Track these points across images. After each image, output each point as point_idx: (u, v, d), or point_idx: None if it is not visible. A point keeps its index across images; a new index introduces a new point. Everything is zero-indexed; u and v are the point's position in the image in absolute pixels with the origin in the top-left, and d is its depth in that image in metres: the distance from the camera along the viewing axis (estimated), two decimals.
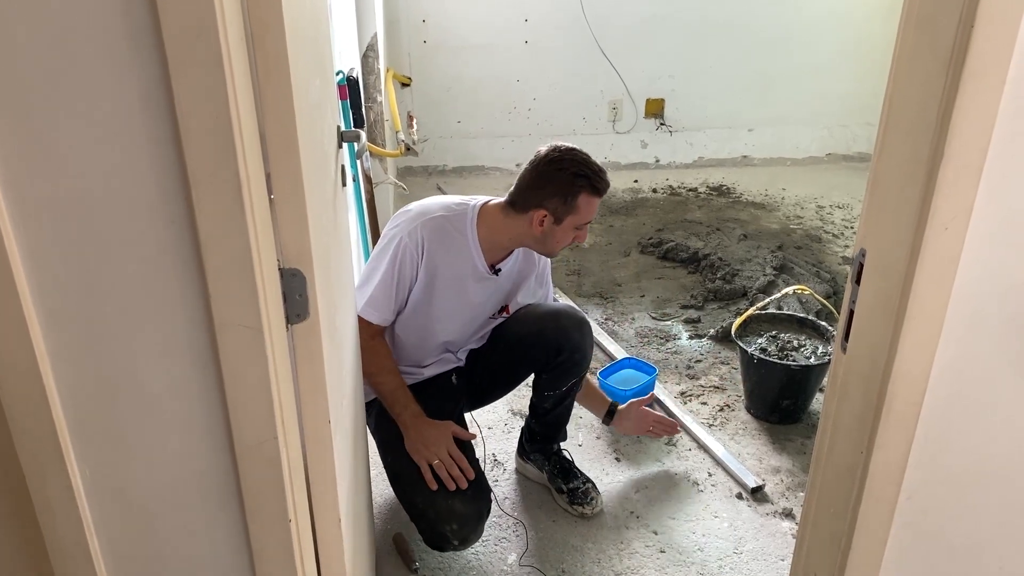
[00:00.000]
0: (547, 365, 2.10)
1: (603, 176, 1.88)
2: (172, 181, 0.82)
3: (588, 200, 1.87)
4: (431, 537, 1.89)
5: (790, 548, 2.08)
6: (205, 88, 0.78)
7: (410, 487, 1.88)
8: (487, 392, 2.24)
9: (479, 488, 1.92)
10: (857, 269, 1.05)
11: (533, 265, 2.12)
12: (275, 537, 1.01)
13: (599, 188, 1.87)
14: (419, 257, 1.88)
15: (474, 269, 1.95)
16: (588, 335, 2.12)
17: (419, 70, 4.79)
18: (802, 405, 2.60)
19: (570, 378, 2.14)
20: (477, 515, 1.89)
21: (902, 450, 1.02)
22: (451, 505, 1.84)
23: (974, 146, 0.85)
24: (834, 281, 3.52)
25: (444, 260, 1.91)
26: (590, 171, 1.85)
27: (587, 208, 1.88)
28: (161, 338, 0.89)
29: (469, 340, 2.13)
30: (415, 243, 1.87)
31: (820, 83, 5.09)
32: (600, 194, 1.89)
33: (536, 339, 2.07)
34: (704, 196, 4.74)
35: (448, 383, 2.09)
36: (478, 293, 1.99)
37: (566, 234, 1.91)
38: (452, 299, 1.96)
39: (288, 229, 0.96)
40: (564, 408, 2.23)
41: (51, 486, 0.94)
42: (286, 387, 0.97)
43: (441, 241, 1.90)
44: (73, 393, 0.90)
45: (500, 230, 1.93)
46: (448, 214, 1.93)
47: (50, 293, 0.86)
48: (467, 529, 1.87)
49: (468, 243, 1.93)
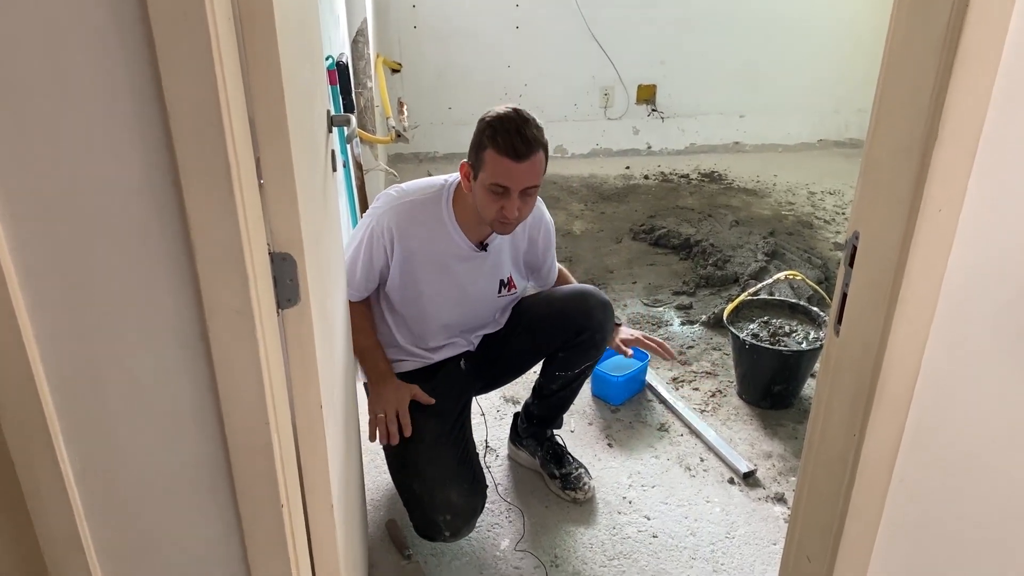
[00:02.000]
0: (566, 344, 2.09)
1: (511, 136, 1.69)
2: (160, 165, 0.81)
3: (494, 158, 1.71)
4: (423, 525, 1.89)
5: (782, 532, 2.09)
6: (193, 71, 0.77)
7: (409, 472, 1.88)
8: (499, 375, 2.23)
9: (477, 483, 1.92)
10: (851, 252, 1.05)
11: (536, 231, 2.06)
12: (267, 522, 1.01)
13: (500, 145, 1.70)
14: (389, 244, 1.87)
15: (456, 249, 1.92)
16: (611, 318, 2.13)
17: (409, 56, 4.76)
18: (794, 390, 2.61)
19: (585, 360, 2.13)
20: (472, 510, 1.89)
21: (894, 433, 1.02)
22: (447, 496, 1.84)
23: (967, 129, 0.85)
24: (825, 267, 3.53)
25: (420, 244, 1.90)
26: (500, 126, 1.71)
27: (493, 166, 1.72)
28: (150, 324, 0.88)
29: (481, 322, 2.09)
30: (382, 230, 1.87)
31: (812, 70, 5.09)
32: (504, 153, 1.70)
33: (560, 317, 2.07)
34: (696, 182, 4.74)
35: (456, 369, 2.07)
36: (467, 273, 1.97)
37: (485, 197, 1.77)
38: (438, 281, 1.94)
39: (278, 213, 0.95)
40: (569, 392, 2.23)
41: (41, 474, 0.93)
42: (277, 372, 0.97)
43: (413, 225, 1.88)
44: (62, 381, 0.89)
45: (470, 204, 1.87)
46: (422, 197, 1.91)
47: (37, 279, 0.84)
48: (459, 521, 1.86)
49: (445, 224, 1.90)
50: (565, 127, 5.05)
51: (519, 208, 1.77)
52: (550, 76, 4.91)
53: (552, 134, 1.87)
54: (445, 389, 1.97)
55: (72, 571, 1.00)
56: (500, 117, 1.74)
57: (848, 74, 5.07)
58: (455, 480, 1.86)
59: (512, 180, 1.73)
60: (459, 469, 1.90)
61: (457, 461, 1.90)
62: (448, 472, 1.87)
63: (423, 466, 1.86)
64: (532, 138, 1.72)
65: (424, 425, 1.90)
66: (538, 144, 1.74)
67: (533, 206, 1.85)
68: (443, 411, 1.94)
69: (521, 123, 1.72)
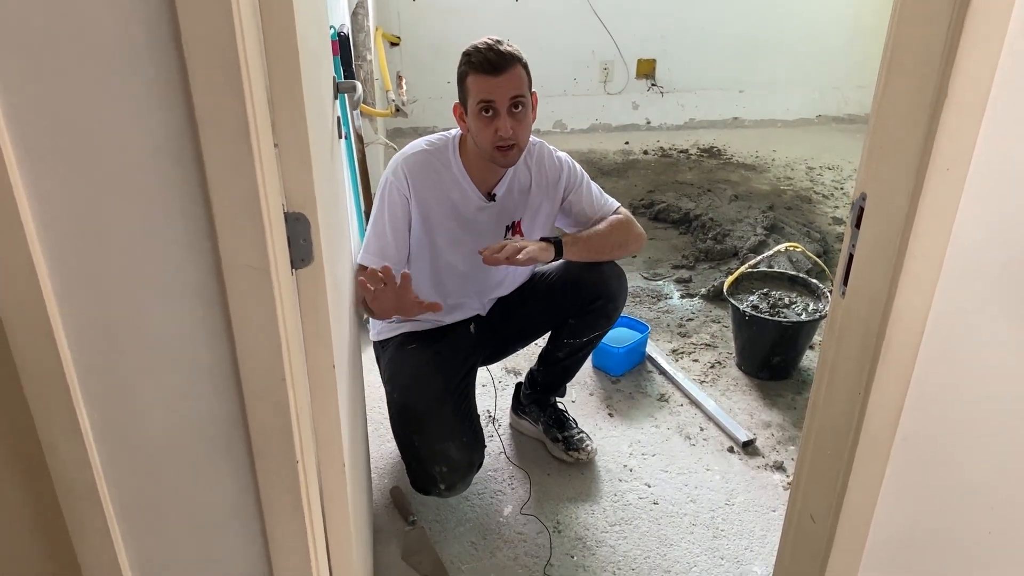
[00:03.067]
0: (580, 311, 2.11)
1: (484, 53, 1.76)
2: (179, 120, 0.81)
3: (474, 79, 1.78)
4: (419, 477, 1.92)
5: (781, 499, 2.12)
6: (212, 25, 0.77)
7: (409, 426, 1.91)
8: (508, 341, 2.25)
9: (475, 438, 1.95)
10: (857, 214, 1.06)
11: (543, 178, 2.05)
12: (282, 478, 1.02)
13: (476, 65, 1.77)
14: (407, 191, 1.89)
15: (466, 198, 1.95)
16: (624, 289, 2.14)
17: (408, 29, 4.74)
18: (792, 362, 2.63)
19: (595, 330, 2.15)
20: (468, 464, 1.92)
21: (899, 391, 1.04)
22: (446, 449, 1.87)
23: (977, 87, 0.85)
24: (824, 241, 3.54)
25: (433, 194, 1.92)
26: (474, 50, 1.78)
27: (475, 86, 1.79)
28: (168, 279, 0.89)
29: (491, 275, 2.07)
30: (399, 180, 1.89)
31: (811, 45, 5.08)
32: (482, 71, 1.77)
33: (574, 283, 2.08)
34: (695, 158, 4.74)
35: (466, 332, 2.09)
36: (477, 222, 1.98)
37: (479, 124, 1.81)
38: (451, 230, 1.96)
39: (292, 173, 0.96)
40: (575, 361, 2.25)
41: (59, 430, 0.94)
42: (293, 329, 0.98)
43: (426, 175, 1.91)
44: (80, 336, 0.90)
45: (473, 151, 1.92)
46: (430, 148, 1.94)
47: (56, 234, 0.85)
48: (456, 476, 1.90)
49: (454, 173, 1.94)
50: (565, 102, 5.03)
51: (512, 127, 1.80)
52: (550, 51, 4.88)
53: (552, 109, 1.90)
54: (452, 350, 1.99)
55: (90, 526, 1.01)
56: (474, 44, 1.80)
57: (847, 50, 5.06)
58: (453, 434, 1.89)
59: (495, 93, 1.78)
60: (459, 425, 1.92)
61: (458, 418, 1.93)
62: (447, 427, 1.89)
63: (424, 420, 1.89)
64: (506, 52, 1.78)
65: (428, 381, 1.92)
66: (514, 58, 1.79)
67: (527, 127, 1.86)
68: (448, 369, 1.97)
69: (493, 43, 1.79)
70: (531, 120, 1.87)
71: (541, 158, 2.05)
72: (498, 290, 2.14)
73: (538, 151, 2.05)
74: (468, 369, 2.04)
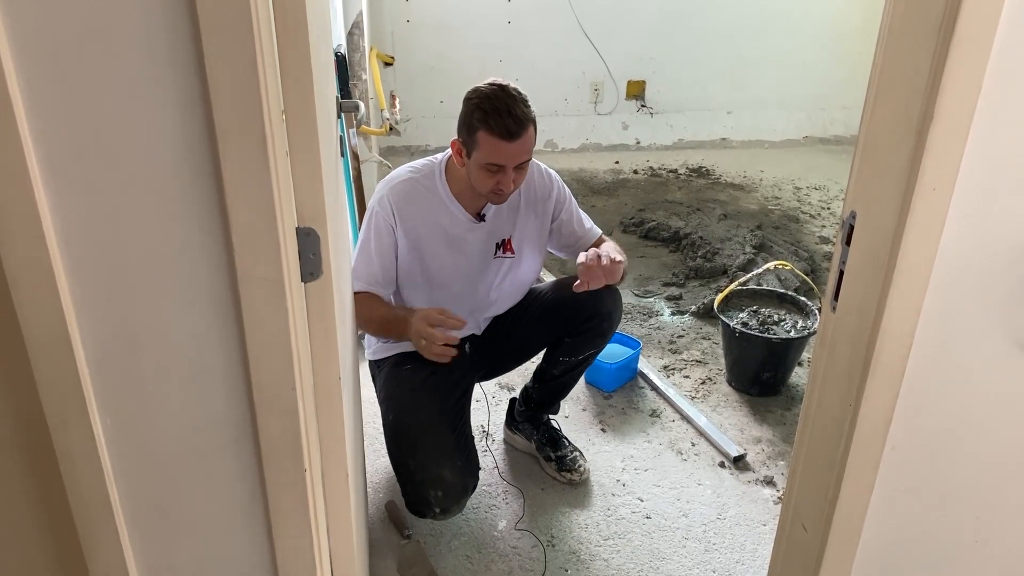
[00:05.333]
0: (575, 329, 2.12)
1: (502, 117, 1.75)
2: (199, 134, 0.84)
3: (488, 139, 1.77)
4: (414, 500, 1.91)
5: (772, 514, 2.15)
6: (234, 44, 0.80)
7: (405, 448, 1.91)
8: (503, 360, 2.27)
9: (469, 462, 1.96)
10: (847, 231, 1.10)
11: (533, 194, 2.07)
12: (291, 487, 1.05)
13: (492, 127, 1.76)
14: (393, 222, 1.92)
15: (454, 221, 1.98)
16: (619, 308, 2.16)
17: (402, 49, 4.79)
18: (782, 378, 2.67)
19: (590, 348, 2.16)
20: (463, 488, 1.92)
21: (888, 403, 1.07)
22: (441, 473, 1.87)
23: (962, 108, 0.90)
24: (811, 259, 3.60)
25: (421, 220, 1.94)
26: (490, 107, 1.76)
27: (487, 147, 1.78)
28: (184, 289, 0.92)
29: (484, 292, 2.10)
30: (385, 210, 1.92)
31: (798, 67, 5.17)
32: (496, 134, 1.76)
33: (570, 303, 2.09)
34: (684, 177, 4.80)
35: (461, 352, 2.07)
36: (467, 243, 2.01)
37: (480, 173, 1.84)
38: (440, 254, 1.98)
39: (303, 188, 0.99)
40: (570, 378, 2.27)
41: (73, 435, 0.96)
42: (303, 340, 1.00)
43: (412, 201, 1.94)
44: (97, 342, 0.93)
45: (462, 176, 1.94)
46: (415, 175, 1.97)
47: (76, 241, 0.88)
48: (450, 500, 1.89)
49: (441, 198, 1.96)
50: (555, 122, 5.09)
51: (514, 180, 1.86)
52: (541, 71, 4.95)
53: (542, 128, 1.92)
54: (447, 371, 1.99)
55: (101, 533, 1.03)
56: (488, 97, 1.79)
57: (833, 72, 5.15)
58: (448, 458, 1.89)
59: (507, 159, 1.81)
60: (454, 448, 1.92)
61: (453, 440, 1.93)
62: (442, 450, 1.89)
63: (419, 443, 1.89)
64: (522, 115, 1.78)
65: (424, 403, 1.93)
66: (528, 120, 1.80)
67: (526, 174, 1.91)
68: (444, 391, 1.98)
69: (510, 102, 1.78)
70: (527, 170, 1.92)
71: (531, 174, 2.06)
72: (492, 308, 2.16)
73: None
74: (464, 390, 2.05)
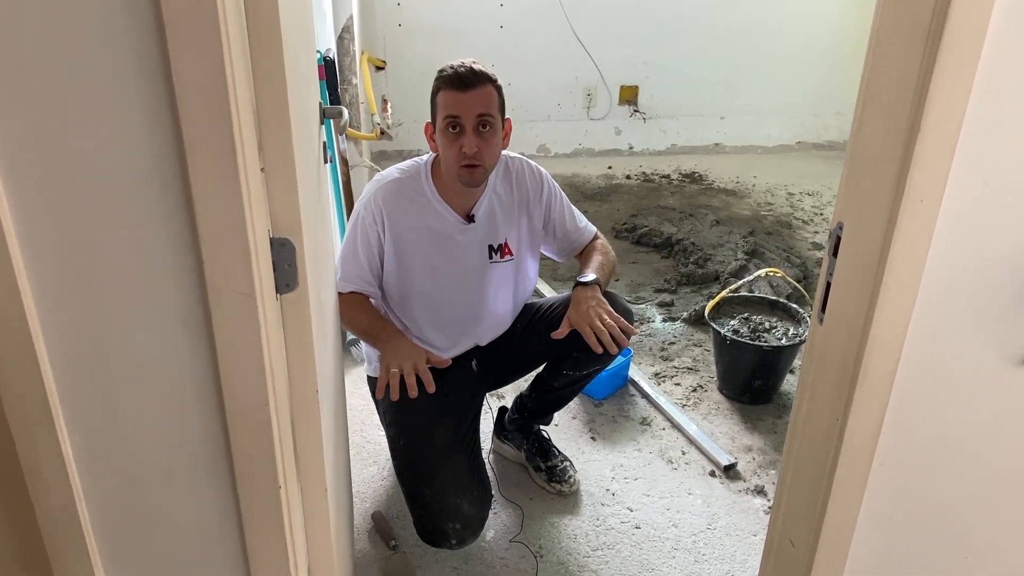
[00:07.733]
0: (581, 345, 1.97)
1: (455, 70, 1.76)
2: (167, 146, 0.82)
3: (443, 95, 1.78)
4: (430, 531, 1.86)
5: (762, 524, 2.13)
6: (201, 51, 0.78)
7: (422, 477, 1.85)
8: (508, 373, 2.23)
9: (484, 490, 1.92)
10: (835, 243, 1.08)
11: (525, 193, 2.03)
12: (265, 504, 1.02)
13: (446, 81, 1.76)
14: (380, 227, 1.88)
15: (443, 222, 1.92)
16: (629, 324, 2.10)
17: (394, 53, 4.77)
18: (773, 386, 2.65)
19: (595, 363, 2.10)
20: (480, 519, 1.88)
21: (876, 417, 1.06)
22: (459, 504, 1.82)
23: (949, 120, 0.88)
24: (804, 266, 3.58)
25: (408, 221, 1.90)
26: (448, 68, 1.78)
27: (443, 101, 1.78)
28: (153, 304, 0.89)
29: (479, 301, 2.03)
30: (371, 214, 1.88)
31: (791, 73, 5.16)
32: (451, 87, 1.76)
33: None
34: (677, 183, 4.79)
35: (468, 369, 2.05)
36: (457, 245, 1.95)
37: (446, 141, 1.80)
38: (430, 256, 1.93)
39: (278, 198, 0.97)
40: (570, 392, 2.23)
41: (41, 453, 0.94)
42: (277, 354, 0.98)
43: (399, 203, 1.89)
44: (64, 359, 0.90)
45: (446, 173, 1.89)
46: (401, 176, 1.93)
47: (42, 257, 0.85)
48: (468, 531, 1.85)
49: (428, 198, 1.92)
50: (548, 127, 5.08)
51: (478, 145, 1.78)
52: (534, 76, 4.93)
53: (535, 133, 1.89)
54: (458, 391, 1.93)
55: (70, 551, 1.01)
56: (448, 63, 1.79)
57: (827, 77, 5.14)
58: (467, 489, 1.83)
59: (462, 108, 1.75)
60: (470, 478, 1.87)
61: (469, 468, 1.88)
62: (460, 479, 1.85)
63: (436, 473, 1.83)
64: (478, 70, 1.76)
65: (438, 429, 1.88)
66: (485, 77, 1.77)
67: (495, 148, 1.83)
68: (457, 414, 1.93)
69: (466, 63, 1.77)
70: (500, 143, 1.84)
71: (521, 173, 2.02)
72: (496, 319, 2.09)
73: (517, 167, 2.03)
74: (476, 411, 2.01)
